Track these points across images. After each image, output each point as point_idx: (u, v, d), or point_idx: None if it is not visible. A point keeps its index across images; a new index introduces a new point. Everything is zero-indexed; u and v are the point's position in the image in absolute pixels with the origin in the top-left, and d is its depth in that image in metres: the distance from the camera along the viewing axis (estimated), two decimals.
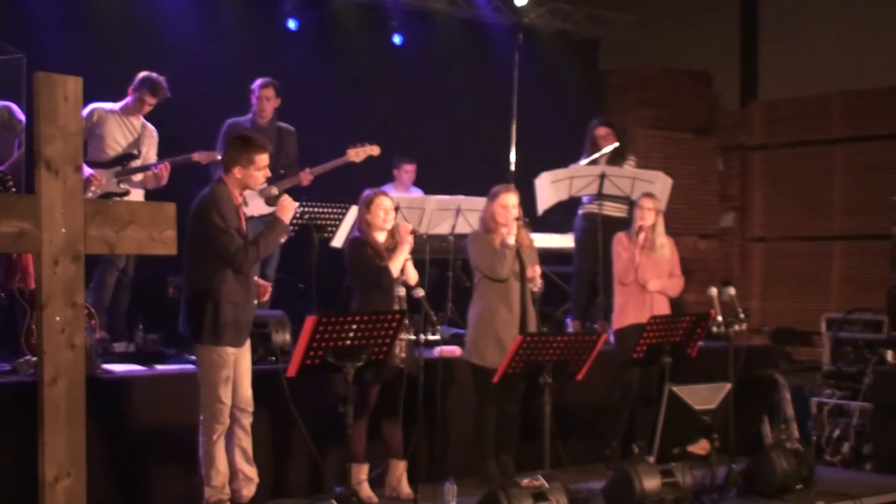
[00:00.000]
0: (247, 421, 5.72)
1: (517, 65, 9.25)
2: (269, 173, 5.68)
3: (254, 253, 5.54)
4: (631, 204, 8.25)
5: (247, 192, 5.72)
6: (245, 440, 5.72)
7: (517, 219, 6.53)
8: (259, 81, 7.73)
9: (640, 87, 11.35)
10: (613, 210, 8.30)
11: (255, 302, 5.75)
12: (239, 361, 5.66)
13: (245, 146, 5.61)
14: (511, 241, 6.48)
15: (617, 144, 8.40)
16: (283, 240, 5.75)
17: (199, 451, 5.60)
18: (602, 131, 8.46)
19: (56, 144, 4.06)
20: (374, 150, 7.74)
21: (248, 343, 5.74)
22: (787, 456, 6.64)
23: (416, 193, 8.75)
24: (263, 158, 5.61)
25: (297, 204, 5.76)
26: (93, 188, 6.81)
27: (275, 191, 5.79)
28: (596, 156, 8.34)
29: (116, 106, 7.18)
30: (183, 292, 5.72)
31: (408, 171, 8.90)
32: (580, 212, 8.48)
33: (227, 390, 5.56)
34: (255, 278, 5.87)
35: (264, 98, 7.70)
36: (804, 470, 6.71)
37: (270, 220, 5.70)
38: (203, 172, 7.46)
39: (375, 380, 6.06)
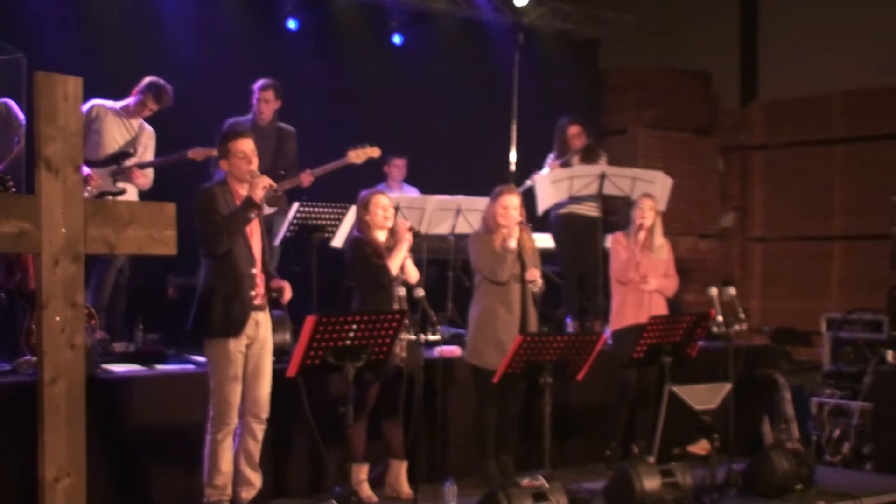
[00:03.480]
0: (258, 428, 5.66)
1: (517, 65, 9.25)
2: (253, 159, 5.56)
3: (217, 230, 5.43)
4: (603, 202, 8.29)
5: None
6: (252, 445, 5.68)
7: (519, 222, 6.52)
8: (260, 83, 7.70)
9: (640, 87, 11.34)
10: (590, 209, 8.32)
11: (256, 295, 5.59)
12: (255, 361, 5.61)
13: (222, 139, 5.69)
14: (512, 244, 6.47)
15: (588, 142, 8.43)
16: (252, 216, 5.50)
17: (205, 449, 5.58)
18: (574, 130, 8.49)
19: (56, 144, 4.05)
20: (375, 152, 7.72)
21: (268, 345, 5.69)
22: (787, 456, 6.64)
23: (410, 191, 8.74)
24: (238, 144, 5.57)
25: (268, 181, 5.54)
26: (89, 187, 6.77)
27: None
28: (568, 156, 8.37)
29: (117, 105, 7.17)
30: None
31: (398, 165, 8.83)
32: (555, 212, 8.47)
33: (233, 389, 5.52)
34: (275, 278, 5.77)
35: (263, 100, 7.68)
36: (804, 470, 6.70)
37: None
38: (202, 171, 7.45)
39: (374, 379, 6.06)
